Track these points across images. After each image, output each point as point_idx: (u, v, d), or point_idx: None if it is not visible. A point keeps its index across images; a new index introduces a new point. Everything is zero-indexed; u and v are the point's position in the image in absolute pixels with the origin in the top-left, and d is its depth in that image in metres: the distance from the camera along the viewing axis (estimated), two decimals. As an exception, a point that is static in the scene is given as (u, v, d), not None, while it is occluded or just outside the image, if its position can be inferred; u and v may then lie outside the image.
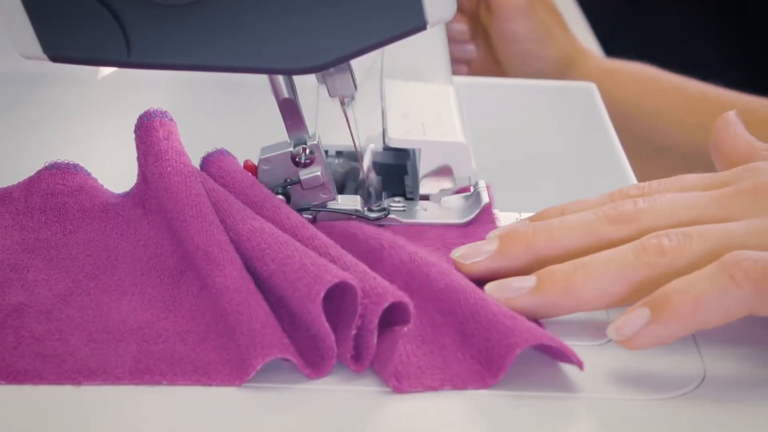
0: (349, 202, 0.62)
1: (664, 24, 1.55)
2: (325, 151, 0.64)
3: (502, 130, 0.87)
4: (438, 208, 0.64)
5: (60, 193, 0.60)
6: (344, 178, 0.68)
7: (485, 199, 0.62)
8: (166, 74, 0.70)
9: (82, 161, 0.62)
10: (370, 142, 0.69)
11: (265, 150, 0.61)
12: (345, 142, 0.65)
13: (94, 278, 0.55)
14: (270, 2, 0.53)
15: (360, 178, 0.67)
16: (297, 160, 0.61)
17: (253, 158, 0.62)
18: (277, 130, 0.61)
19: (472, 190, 0.64)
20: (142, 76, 0.70)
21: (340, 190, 0.66)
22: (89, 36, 0.54)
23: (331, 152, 0.68)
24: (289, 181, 0.61)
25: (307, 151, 0.60)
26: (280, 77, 0.59)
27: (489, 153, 0.82)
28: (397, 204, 0.63)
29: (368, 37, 0.54)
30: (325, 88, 0.59)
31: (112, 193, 0.61)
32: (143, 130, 0.60)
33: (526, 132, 0.87)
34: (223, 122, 0.78)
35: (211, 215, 0.55)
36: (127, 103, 0.61)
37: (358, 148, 0.65)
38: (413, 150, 0.67)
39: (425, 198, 0.64)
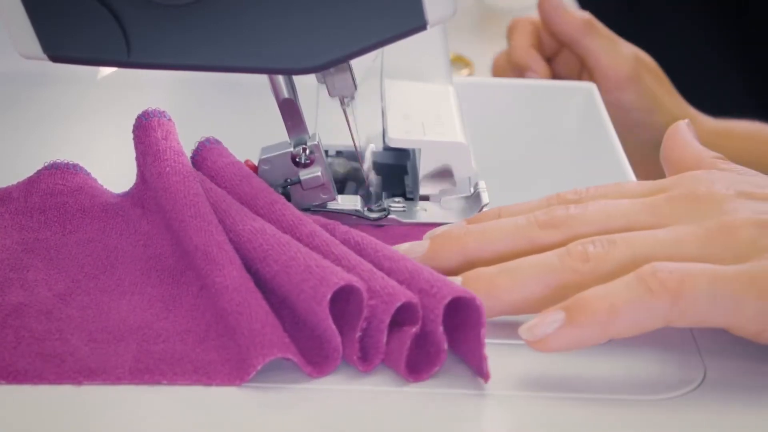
0: (349, 203, 0.62)
1: (664, 24, 1.54)
2: (325, 151, 0.64)
3: (502, 130, 0.87)
4: (438, 209, 0.64)
5: (59, 192, 0.60)
6: (344, 178, 0.68)
7: (485, 200, 0.62)
8: (166, 74, 0.70)
9: (82, 161, 0.62)
10: (370, 142, 0.69)
11: (265, 150, 0.61)
12: (345, 142, 0.65)
13: (93, 278, 0.55)
14: (270, 2, 0.53)
15: (360, 178, 0.67)
16: (297, 160, 0.61)
17: (254, 158, 0.62)
18: (277, 130, 0.61)
19: (473, 190, 0.64)
20: (142, 76, 0.70)
21: (340, 191, 0.66)
22: (89, 36, 0.54)
23: (331, 152, 0.69)
24: (289, 181, 0.61)
25: (307, 152, 0.60)
26: (280, 77, 0.59)
27: (489, 153, 0.82)
28: (397, 204, 0.63)
29: (368, 37, 0.54)
30: (325, 88, 0.59)
31: (112, 193, 0.61)
32: (141, 130, 0.60)
33: (526, 132, 0.87)
34: (223, 122, 0.77)
35: (210, 215, 0.55)
36: (127, 103, 0.61)
37: (358, 148, 0.65)
38: (413, 150, 0.67)
39: (425, 198, 0.64)
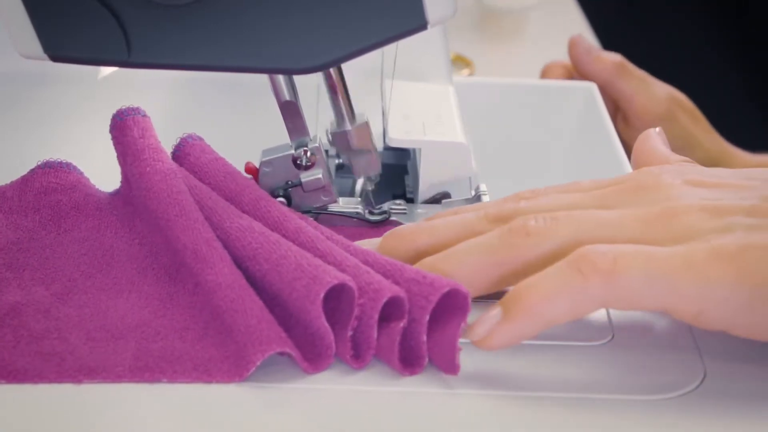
0: (350, 205, 0.62)
1: (664, 25, 1.55)
2: (326, 151, 0.64)
3: (502, 130, 0.87)
4: (439, 211, 0.63)
5: (53, 190, 0.59)
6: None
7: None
8: (166, 74, 0.70)
9: (81, 161, 0.62)
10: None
11: (266, 152, 0.61)
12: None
13: (90, 277, 0.55)
14: (270, 2, 0.53)
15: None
16: (298, 162, 0.61)
17: (254, 160, 0.62)
18: (277, 131, 0.61)
19: (474, 193, 0.64)
20: (142, 76, 0.70)
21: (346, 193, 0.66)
22: (89, 36, 0.54)
23: (332, 153, 0.69)
24: (290, 183, 0.61)
25: (309, 154, 0.60)
26: (281, 79, 0.59)
27: (489, 153, 0.82)
28: (398, 207, 0.63)
29: (368, 37, 0.54)
30: (325, 88, 0.59)
31: (104, 192, 0.61)
32: (118, 131, 0.59)
33: (526, 132, 0.87)
34: (223, 122, 0.78)
35: (195, 213, 0.55)
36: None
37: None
38: (413, 150, 0.67)
39: (436, 201, 0.64)
